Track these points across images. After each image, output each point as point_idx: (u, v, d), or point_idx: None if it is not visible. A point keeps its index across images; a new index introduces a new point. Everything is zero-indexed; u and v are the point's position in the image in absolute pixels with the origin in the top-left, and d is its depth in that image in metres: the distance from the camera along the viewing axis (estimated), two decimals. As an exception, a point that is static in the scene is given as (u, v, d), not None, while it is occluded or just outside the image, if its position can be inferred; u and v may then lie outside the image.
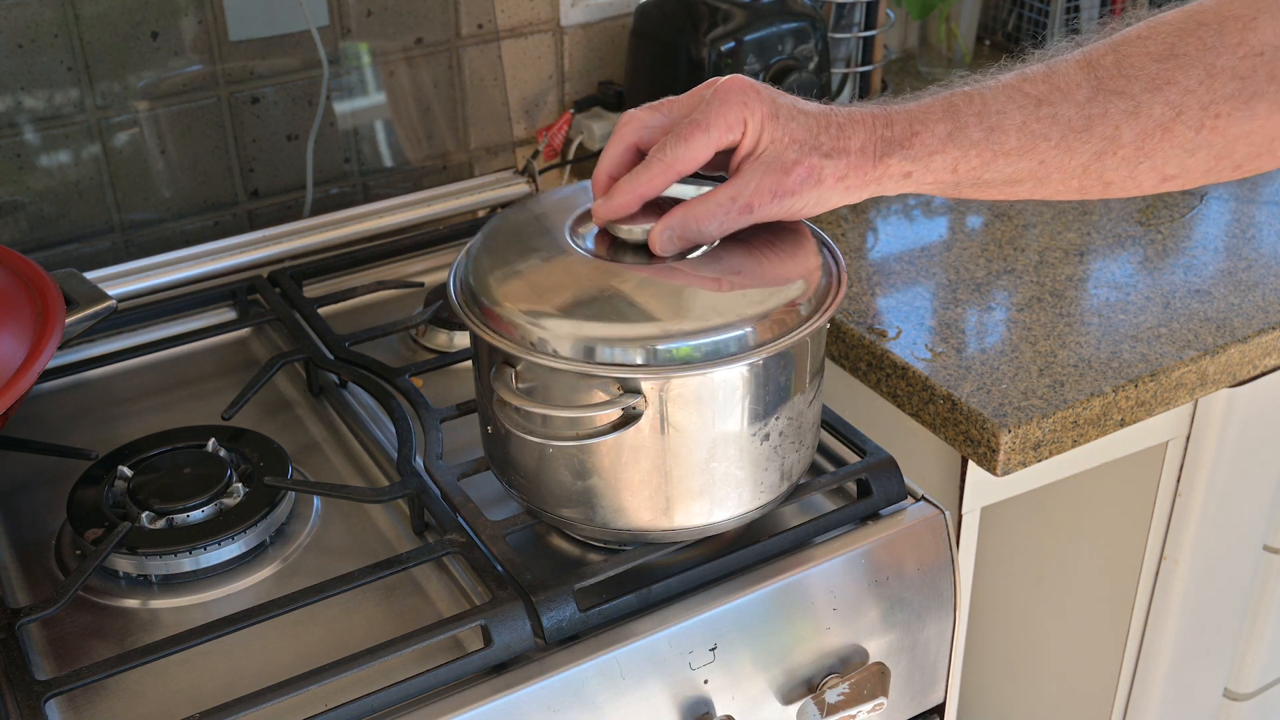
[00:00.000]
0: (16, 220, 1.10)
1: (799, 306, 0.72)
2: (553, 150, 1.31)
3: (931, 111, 0.71)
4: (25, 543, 0.85)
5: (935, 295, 1.06)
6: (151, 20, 1.09)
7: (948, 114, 0.71)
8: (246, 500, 0.84)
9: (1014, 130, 0.70)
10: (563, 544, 0.82)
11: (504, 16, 1.26)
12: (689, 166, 0.72)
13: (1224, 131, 0.69)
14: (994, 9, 1.57)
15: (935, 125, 0.71)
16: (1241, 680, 1.28)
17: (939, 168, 0.71)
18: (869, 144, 0.71)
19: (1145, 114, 0.69)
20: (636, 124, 0.74)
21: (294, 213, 1.21)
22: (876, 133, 0.71)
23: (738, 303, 0.71)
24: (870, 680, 0.81)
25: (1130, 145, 0.69)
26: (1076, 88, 0.70)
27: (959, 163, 0.71)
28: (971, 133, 0.70)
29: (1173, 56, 0.68)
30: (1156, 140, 0.69)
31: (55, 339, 0.83)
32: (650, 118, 0.74)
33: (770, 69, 1.18)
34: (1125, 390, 0.96)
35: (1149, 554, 1.14)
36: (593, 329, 0.69)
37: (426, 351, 1.03)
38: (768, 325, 0.70)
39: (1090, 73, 0.70)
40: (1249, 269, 1.09)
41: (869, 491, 0.83)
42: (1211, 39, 0.68)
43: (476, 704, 0.70)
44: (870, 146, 0.71)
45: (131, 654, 0.71)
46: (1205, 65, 0.68)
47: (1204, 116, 0.68)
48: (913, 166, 0.71)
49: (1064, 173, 0.71)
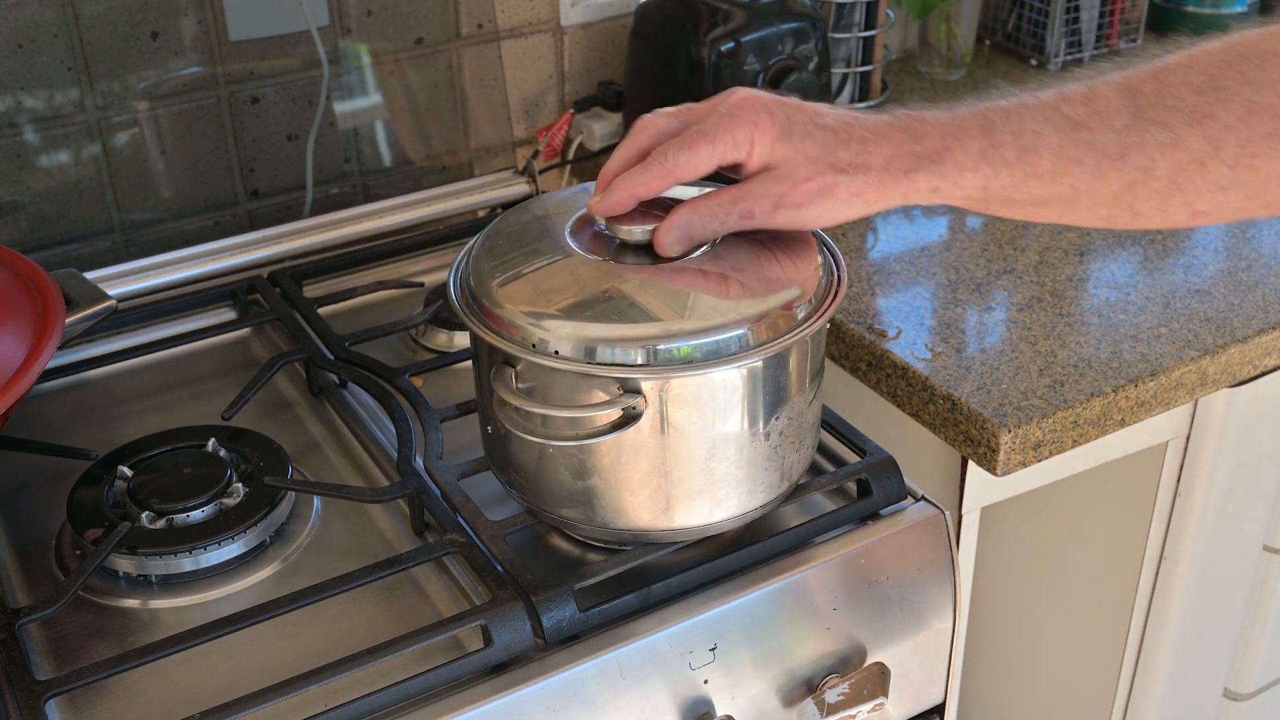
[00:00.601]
0: (16, 220, 1.10)
1: (799, 307, 0.72)
2: (553, 150, 1.31)
3: (966, 127, 0.70)
4: (25, 543, 0.85)
5: (935, 295, 1.06)
6: (151, 20, 1.09)
7: (983, 130, 0.69)
8: (246, 500, 0.84)
9: (1049, 153, 0.69)
10: (563, 544, 0.82)
11: (504, 16, 1.26)
12: (689, 174, 0.71)
13: (1259, 170, 0.67)
14: (994, 9, 1.57)
15: (968, 142, 0.69)
16: (1241, 680, 1.28)
17: (969, 185, 0.70)
18: (895, 159, 0.70)
19: (1182, 147, 0.67)
20: (652, 130, 0.74)
21: (294, 213, 1.21)
22: (904, 147, 0.70)
23: (738, 303, 0.71)
24: (870, 680, 0.81)
25: (1164, 178, 0.68)
26: (1115, 114, 0.68)
27: (990, 181, 0.69)
28: (1005, 152, 0.69)
29: (1213, 89, 0.67)
30: (1190, 174, 0.67)
31: (55, 339, 0.83)
32: (666, 124, 0.74)
33: (770, 69, 1.18)
34: (1125, 390, 0.96)
35: (1149, 554, 1.14)
36: (593, 329, 0.69)
37: (426, 351, 1.03)
38: (767, 325, 0.70)
39: (1130, 99, 0.68)
40: (1249, 269, 1.09)
41: (869, 491, 0.83)
42: (1254, 73, 0.66)
43: (476, 704, 0.70)
44: (896, 162, 0.70)
45: (131, 654, 0.71)
46: (1246, 101, 0.66)
47: (1240, 154, 0.66)
48: (941, 183, 0.70)
49: (1094, 199, 0.70)
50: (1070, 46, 1.51)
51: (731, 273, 0.73)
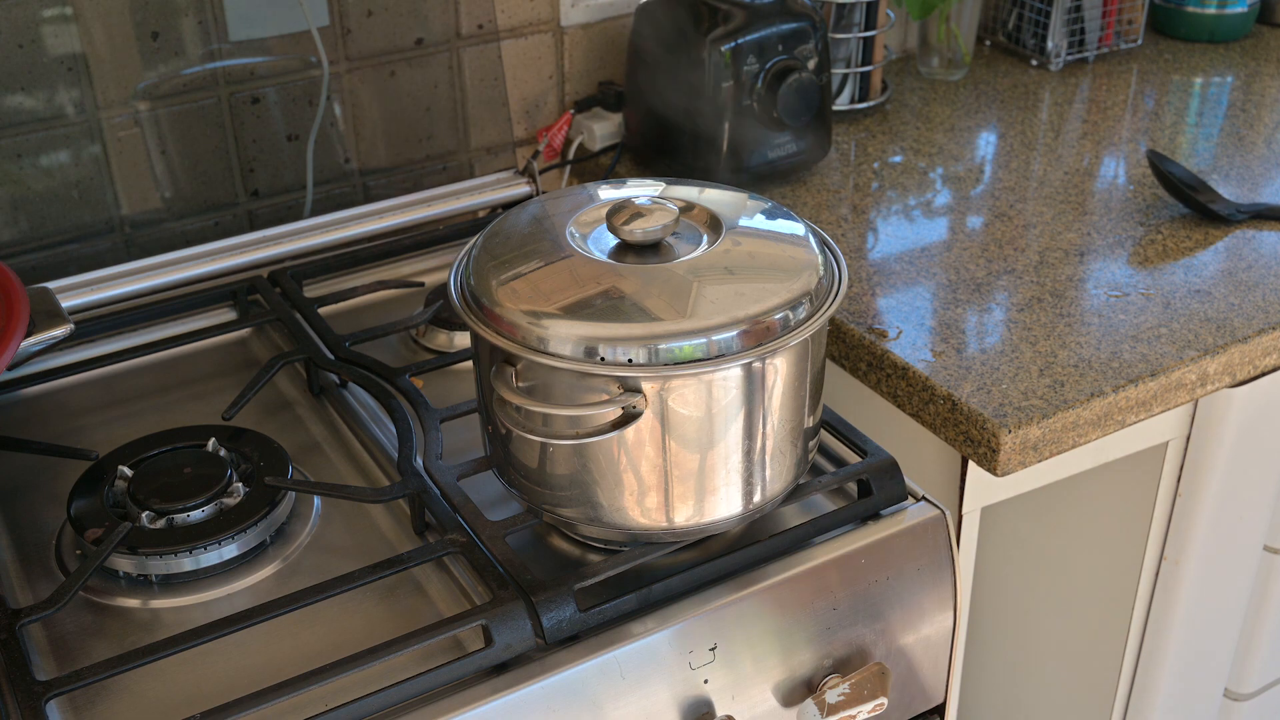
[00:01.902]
0: (16, 220, 1.10)
1: (799, 307, 0.72)
2: (553, 150, 1.32)
3: None
4: (25, 543, 0.85)
5: (935, 295, 1.06)
6: (151, 20, 1.09)
7: None
8: (246, 500, 0.84)
9: None
10: (563, 544, 0.82)
11: (504, 16, 1.26)
12: None
13: None
14: (994, 9, 1.57)
15: None
16: (1241, 680, 1.28)
17: None
18: None
19: None
20: None
21: (294, 213, 1.21)
22: None
23: (737, 302, 0.71)
24: (870, 680, 0.81)
25: None
26: None
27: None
28: None
29: None
30: None
31: (4, 359, 0.81)
32: None
33: (770, 69, 1.18)
34: (1125, 390, 0.96)
35: (1149, 554, 1.14)
36: (593, 328, 0.69)
37: (426, 351, 1.03)
38: (767, 325, 0.70)
39: None
40: (1249, 269, 1.09)
41: (869, 492, 0.83)
42: None
43: (477, 704, 0.70)
44: None
45: (131, 654, 0.71)
46: None
47: None
48: None
49: None
50: (1072, 47, 1.51)
51: (731, 272, 0.73)
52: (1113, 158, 1.30)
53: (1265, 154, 1.29)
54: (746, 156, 1.20)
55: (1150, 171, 1.24)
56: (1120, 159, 1.30)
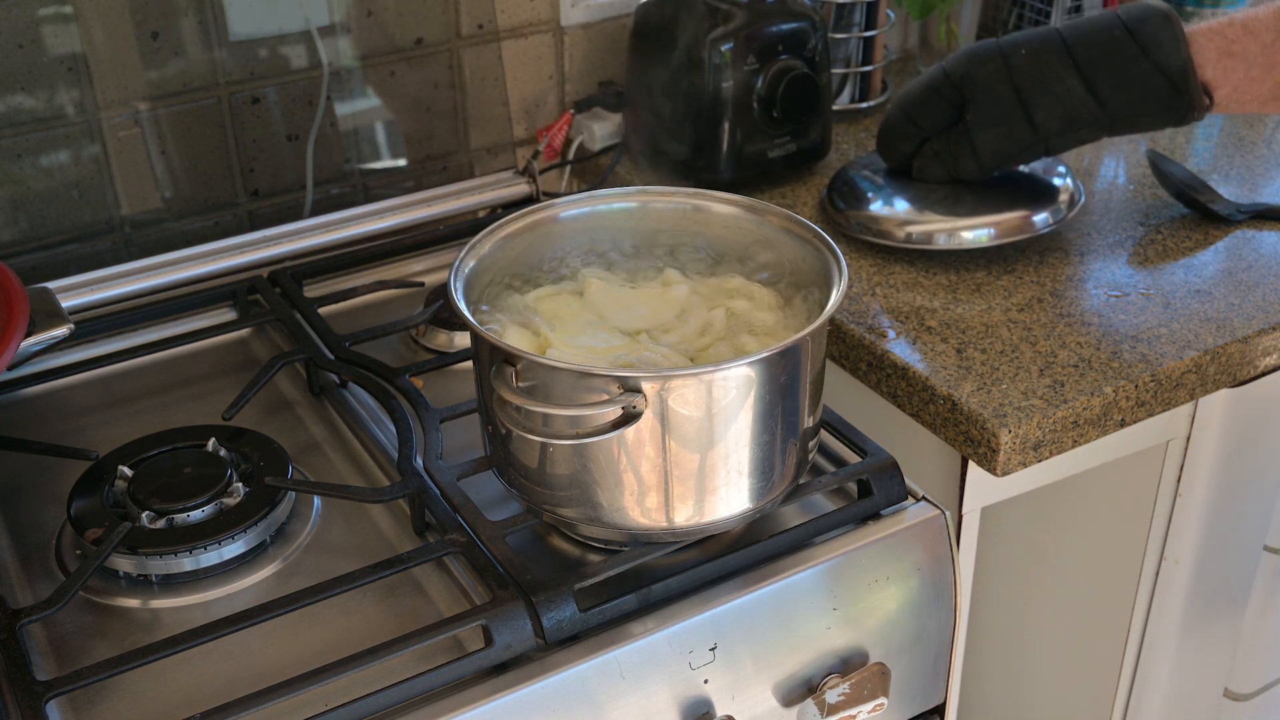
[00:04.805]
0: (16, 220, 1.10)
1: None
2: (553, 151, 1.31)
3: None
4: (25, 543, 0.85)
5: (935, 295, 1.06)
6: (151, 20, 1.09)
7: None
8: (246, 500, 0.84)
9: None
10: (563, 544, 0.82)
11: (504, 16, 1.26)
12: None
13: None
14: (994, 9, 1.56)
15: None
16: (1241, 680, 1.28)
17: None
18: None
19: None
20: None
21: (294, 213, 1.21)
22: None
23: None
24: (870, 680, 0.81)
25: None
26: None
27: None
28: None
29: None
30: None
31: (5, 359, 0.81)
32: None
33: (770, 69, 1.18)
34: (1125, 390, 0.96)
35: (1149, 554, 1.14)
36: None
37: (426, 351, 1.03)
38: (768, 325, 0.70)
39: None
40: (1249, 269, 1.09)
41: (869, 492, 0.83)
42: None
43: (477, 704, 0.70)
44: None
45: (131, 654, 0.71)
46: None
47: None
48: None
49: None
50: (1070, 47, 1.51)
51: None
52: (1112, 158, 1.30)
53: (1265, 154, 1.29)
54: (746, 156, 1.20)
55: (1150, 171, 1.23)
56: (1120, 159, 1.30)
